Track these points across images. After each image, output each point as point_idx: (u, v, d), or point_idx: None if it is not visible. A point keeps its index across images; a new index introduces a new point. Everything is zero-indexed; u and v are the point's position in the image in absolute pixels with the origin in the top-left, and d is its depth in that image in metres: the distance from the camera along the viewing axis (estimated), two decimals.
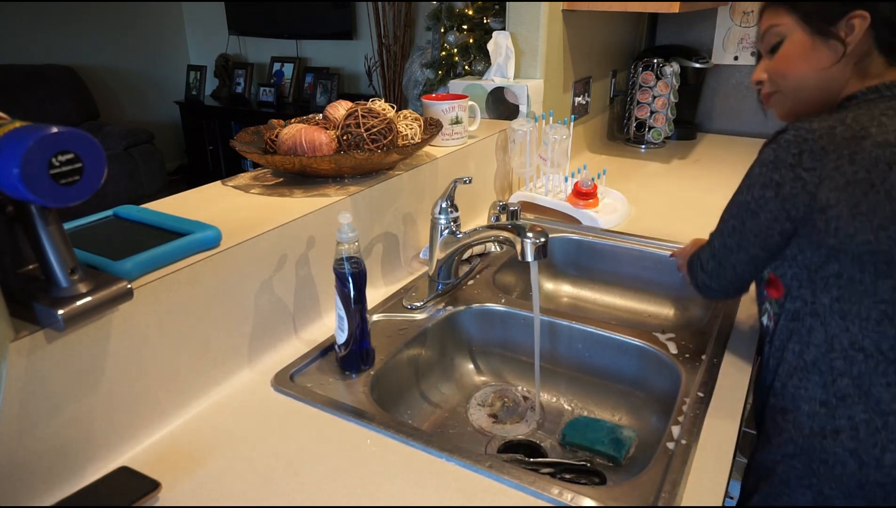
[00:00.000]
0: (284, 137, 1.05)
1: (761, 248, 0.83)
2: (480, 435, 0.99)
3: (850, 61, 0.81)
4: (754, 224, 0.82)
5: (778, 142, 0.79)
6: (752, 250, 0.84)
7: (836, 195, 0.74)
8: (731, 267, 0.88)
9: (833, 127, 0.75)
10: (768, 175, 0.79)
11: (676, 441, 0.77)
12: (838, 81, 0.83)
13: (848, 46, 0.80)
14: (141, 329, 0.73)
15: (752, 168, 0.82)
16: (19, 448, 0.63)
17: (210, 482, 0.70)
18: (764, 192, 0.80)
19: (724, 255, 0.88)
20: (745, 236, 0.84)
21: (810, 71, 0.84)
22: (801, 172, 0.76)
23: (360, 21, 4.06)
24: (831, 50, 0.81)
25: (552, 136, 1.42)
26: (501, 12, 2.44)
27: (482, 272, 1.22)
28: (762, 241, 0.83)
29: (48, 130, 0.51)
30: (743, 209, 0.83)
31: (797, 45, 0.84)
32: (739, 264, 0.87)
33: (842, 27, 0.80)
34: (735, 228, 0.85)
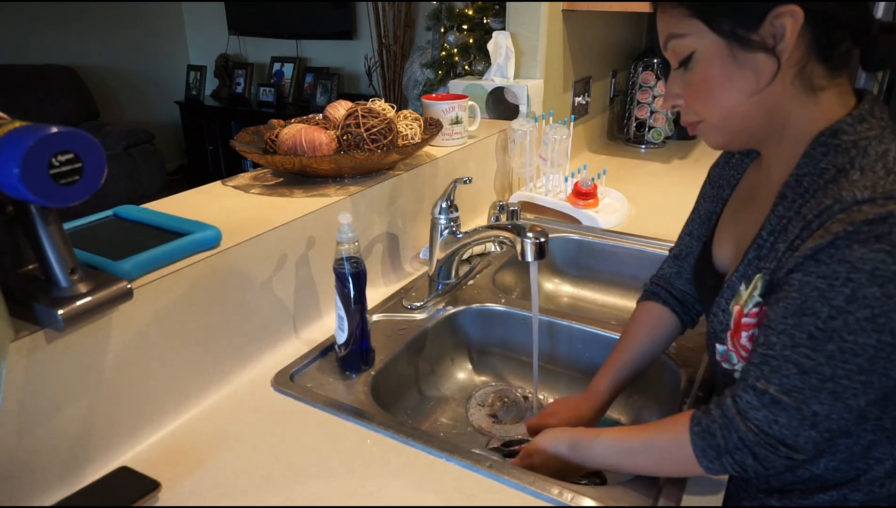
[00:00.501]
0: (284, 137, 1.05)
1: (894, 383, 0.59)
2: (480, 435, 0.99)
3: (787, 78, 0.62)
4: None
5: (889, 240, 0.54)
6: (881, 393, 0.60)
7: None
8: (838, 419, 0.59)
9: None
10: None
11: None
12: (781, 104, 0.64)
13: (781, 56, 0.60)
14: (141, 329, 0.73)
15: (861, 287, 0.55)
16: (19, 448, 0.63)
17: (210, 482, 0.70)
18: None
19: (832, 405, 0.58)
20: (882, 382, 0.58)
21: (738, 97, 0.64)
22: None
23: (360, 21, 4.06)
24: (760, 65, 0.61)
25: (552, 136, 1.42)
26: (501, 12, 2.44)
27: (482, 272, 1.22)
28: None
29: (48, 130, 0.51)
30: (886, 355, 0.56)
31: (713, 63, 0.63)
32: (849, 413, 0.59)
33: (766, 31, 0.60)
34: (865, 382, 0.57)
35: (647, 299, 0.94)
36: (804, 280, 0.58)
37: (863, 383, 0.57)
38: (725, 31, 0.61)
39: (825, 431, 0.59)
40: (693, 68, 0.65)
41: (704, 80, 0.64)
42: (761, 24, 0.60)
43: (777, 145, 0.68)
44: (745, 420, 0.61)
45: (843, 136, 0.62)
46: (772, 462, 0.61)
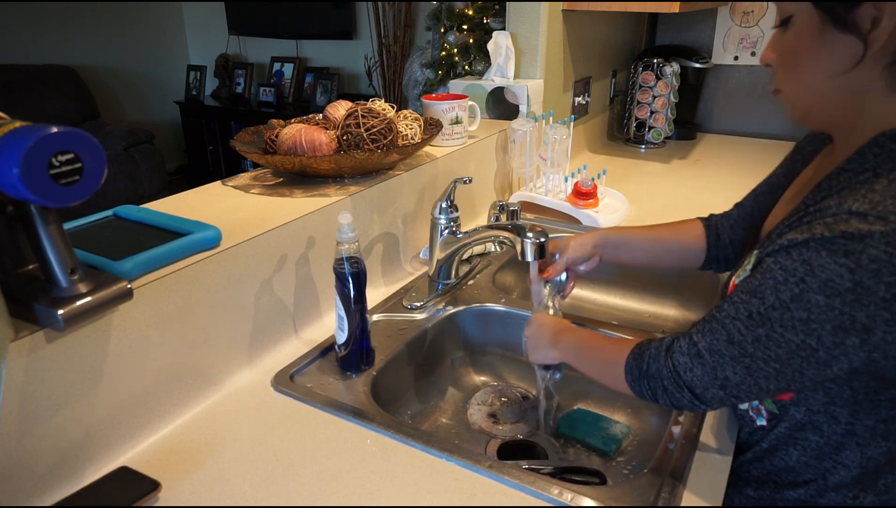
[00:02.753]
0: (284, 137, 1.05)
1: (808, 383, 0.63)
2: (480, 435, 0.99)
3: (876, 66, 0.60)
4: (817, 373, 0.60)
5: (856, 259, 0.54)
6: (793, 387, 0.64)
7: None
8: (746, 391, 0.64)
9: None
10: (849, 314, 0.55)
11: (676, 441, 0.77)
12: (860, 95, 0.62)
13: (871, 45, 0.58)
14: (141, 329, 0.73)
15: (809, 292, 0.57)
16: (19, 448, 0.63)
17: (210, 482, 0.70)
18: (843, 338, 0.57)
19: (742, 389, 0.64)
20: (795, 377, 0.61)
21: (818, 74, 0.63)
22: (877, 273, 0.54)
23: (360, 21, 4.06)
24: (847, 48, 0.60)
25: (552, 136, 1.42)
26: (501, 12, 2.44)
27: (482, 272, 1.22)
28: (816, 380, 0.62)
29: (48, 130, 0.51)
30: (800, 354, 0.59)
31: (804, 33, 0.63)
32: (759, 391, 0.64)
33: (864, 14, 0.58)
34: (780, 372, 0.61)
35: (699, 218, 1.01)
36: (770, 266, 0.61)
37: (776, 370, 0.61)
38: (823, 4, 0.61)
39: (732, 396, 0.65)
40: (787, 35, 0.66)
41: (793, 48, 0.65)
42: (860, 6, 0.58)
43: (847, 137, 0.68)
44: (670, 359, 0.68)
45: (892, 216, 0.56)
46: (678, 400, 0.68)
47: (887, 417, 0.66)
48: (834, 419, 0.68)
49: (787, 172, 0.87)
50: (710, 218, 1.00)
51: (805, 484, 0.73)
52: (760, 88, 2.26)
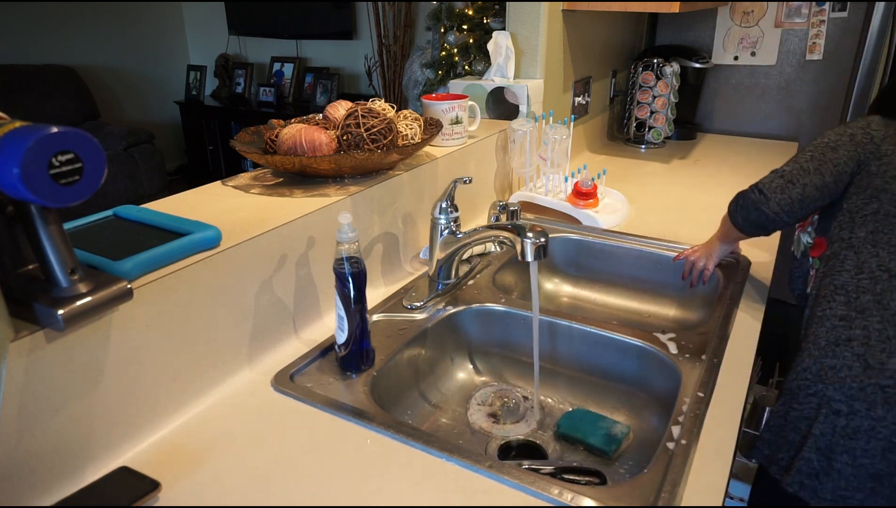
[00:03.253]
0: (284, 137, 1.05)
1: (834, 178, 1.00)
2: (480, 435, 0.99)
3: None
4: (834, 156, 1.01)
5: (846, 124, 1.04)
6: (827, 177, 1.00)
7: (893, 148, 0.97)
8: (801, 186, 1.01)
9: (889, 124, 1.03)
10: (843, 130, 1.03)
11: (676, 441, 0.77)
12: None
13: None
14: (141, 329, 0.73)
15: (825, 131, 1.05)
16: (19, 448, 0.63)
17: (210, 482, 0.70)
18: (841, 137, 1.02)
19: (797, 175, 1.01)
20: (824, 163, 1.00)
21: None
22: (870, 130, 1.02)
23: (360, 21, 4.06)
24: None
25: (552, 136, 1.42)
26: (501, 12, 2.44)
27: (482, 272, 1.22)
28: (838, 172, 1.00)
29: (48, 130, 0.51)
30: (822, 147, 1.02)
31: None
32: (810, 185, 1.00)
33: None
34: (814, 157, 1.01)
35: None
36: None
37: (812, 157, 1.03)
38: None
39: (789, 181, 1.03)
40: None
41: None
42: None
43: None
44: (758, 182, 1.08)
45: None
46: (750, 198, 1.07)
47: (873, 228, 0.94)
48: (841, 239, 0.98)
49: None
50: None
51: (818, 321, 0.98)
52: (760, 88, 2.26)
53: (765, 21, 2.18)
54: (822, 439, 0.90)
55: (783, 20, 2.15)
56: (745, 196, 1.07)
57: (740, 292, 1.15)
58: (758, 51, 2.22)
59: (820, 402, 0.90)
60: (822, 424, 0.90)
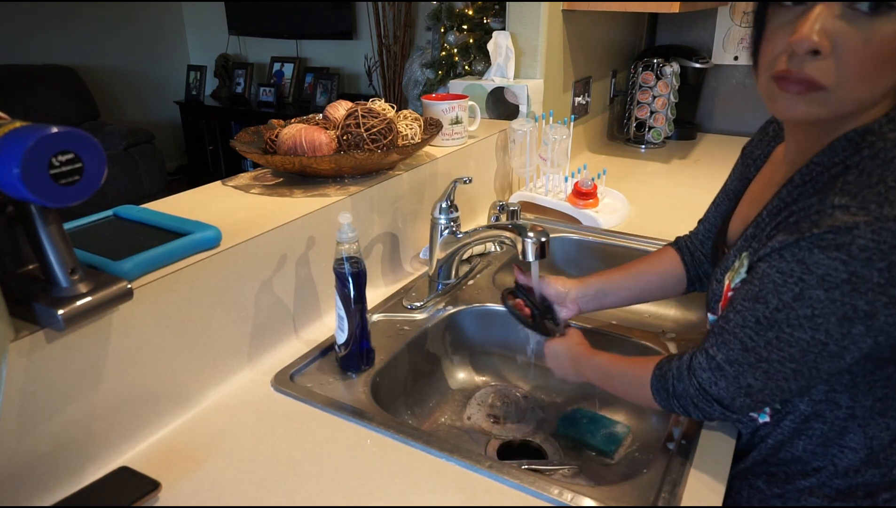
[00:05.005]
0: (284, 137, 1.05)
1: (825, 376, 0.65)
2: (480, 435, 0.99)
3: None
4: (831, 365, 0.62)
5: (847, 250, 0.56)
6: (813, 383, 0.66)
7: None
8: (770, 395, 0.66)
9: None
10: (850, 303, 0.57)
11: (676, 441, 0.77)
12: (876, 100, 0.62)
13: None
14: (141, 329, 0.73)
15: (809, 289, 0.59)
16: (19, 447, 0.63)
17: (210, 482, 0.70)
18: (850, 328, 0.59)
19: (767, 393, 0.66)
20: (812, 373, 0.63)
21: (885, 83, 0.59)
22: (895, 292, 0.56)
23: (360, 21, 4.06)
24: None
25: (552, 136, 1.42)
26: (501, 12, 2.44)
27: (482, 272, 1.22)
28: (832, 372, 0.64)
29: (48, 130, 0.51)
30: (817, 352, 0.61)
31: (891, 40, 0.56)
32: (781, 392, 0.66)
33: None
34: (797, 372, 0.63)
35: (669, 244, 1.02)
36: (766, 271, 0.63)
37: (793, 370, 0.63)
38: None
39: (758, 401, 0.67)
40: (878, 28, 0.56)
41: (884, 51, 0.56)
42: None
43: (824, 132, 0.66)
44: (693, 377, 0.70)
45: (869, 135, 0.62)
46: (709, 414, 0.71)
47: (882, 395, 0.68)
48: (836, 405, 0.70)
49: (741, 178, 0.89)
50: (678, 241, 1.00)
51: (815, 472, 0.73)
52: None
53: None
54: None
55: None
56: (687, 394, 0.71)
57: None
58: None
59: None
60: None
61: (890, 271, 0.55)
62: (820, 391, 0.69)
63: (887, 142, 0.61)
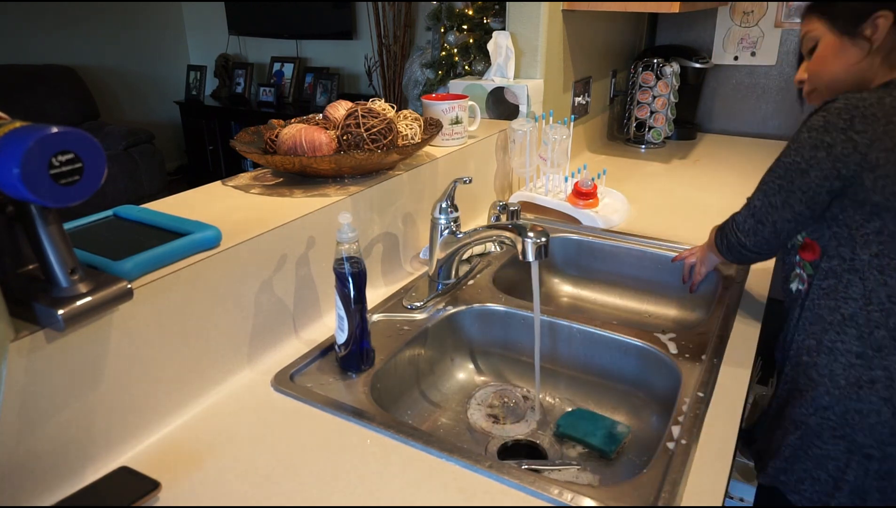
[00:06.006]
0: (284, 137, 1.05)
1: (807, 206, 0.89)
2: (480, 435, 0.99)
3: (877, 56, 0.89)
4: (803, 182, 0.87)
5: (827, 110, 0.85)
6: (798, 208, 0.90)
7: (886, 155, 0.81)
8: (771, 224, 0.93)
9: (882, 98, 0.83)
10: (819, 137, 0.85)
11: (676, 441, 0.77)
12: (869, 74, 0.90)
13: (874, 43, 0.89)
14: (141, 329, 0.73)
15: (800, 134, 0.88)
16: (19, 447, 0.63)
17: (210, 482, 0.70)
18: (815, 152, 0.85)
19: (765, 213, 0.93)
20: (792, 193, 0.89)
21: (842, 68, 0.92)
22: (852, 134, 0.83)
23: (360, 21, 4.06)
24: (859, 48, 0.90)
25: (552, 136, 1.42)
26: (501, 12, 2.44)
27: (482, 272, 1.22)
28: (809, 199, 0.88)
29: (48, 130, 0.51)
30: (791, 169, 0.88)
31: (829, 47, 0.93)
32: (781, 221, 0.92)
33: (867, 27, 0.89)
34: (782, 187, 0.90)
35: None
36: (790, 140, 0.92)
37: (779, 186, 0.91)
38: (840, 29, 0.91)
39: (758, 221, 0.95)
40: (815, 53, 0.95)
41: (822, 60, 0.94)
42: (864, 23, 0.89)
43: None
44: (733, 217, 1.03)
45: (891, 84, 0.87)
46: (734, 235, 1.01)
47: (878, 251, 0.86)
48: (841, 258, 0.90)
49: None
50: None
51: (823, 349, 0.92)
52: (760, 88, 2.26)
53: (765, 21, 2.18)
54: (856, 482, 0.91)
55: (783, 20, 2.15)
56: (725, 235, 1.03)
57: (740, 292, 1.15)
58: (758, 51, 2.22)
59: (850, 447, 0.90)
60: (854, 469, 0.90)
61: (851, 120, 0.83)
62: (831, 247, 0.90)
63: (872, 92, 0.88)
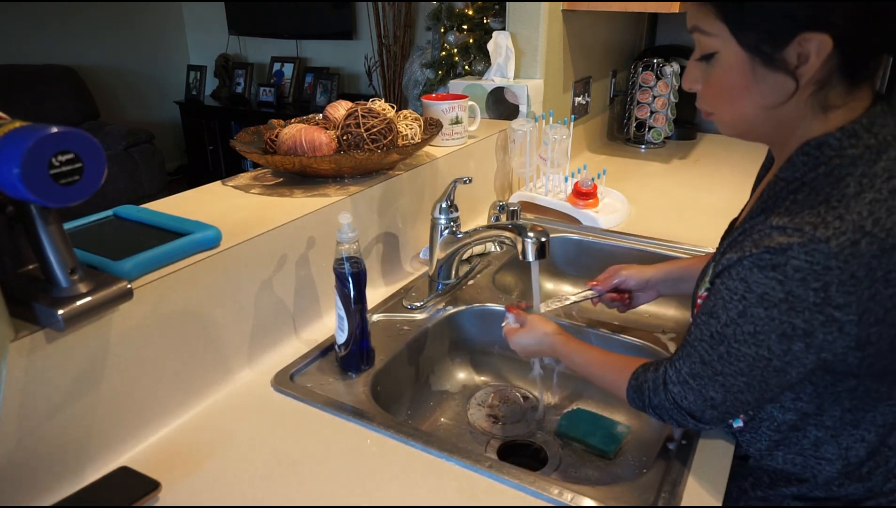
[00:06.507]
0: (284, 137, 1.05)
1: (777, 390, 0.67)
2: (480, 435, 0.99)
3: (803, 94, 0.63)
4: (780, 380, 0.65)
5: (783, 271, 0.58)
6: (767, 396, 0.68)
7: (879, 330, 0.60)
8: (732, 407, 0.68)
9: (856, 242, 0.57)
10: (788, 322, 0.60)
11: (676, 441, 0.77)
12: (790, 119, 0.65)
13: (801, 80, 0.61)
14: (141, 329, 0.73)
15: (751, 306, 0.61)
16: (19, 448, 0.63)
17: (210, 482, 0.70)
18: (789, 345, 0.61)
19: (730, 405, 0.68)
20: (763, 387, 0.65)
21: (752, 107, 0.66)
22: (832, 311, 0.58)
23: (360, 21, 4.06)
24: (778, 84, 0.62)
25: (552, 136, 1.42)
26: (501, 12, 2.44)
27: (482, 272, 1.22)
28: (782, 386, 0.66)
29: (48, 130, 0.51)
30: (762, 366, 0.63)
31: (733, 70, 0.64)
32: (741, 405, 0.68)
33: (791, 53, 0.60)
34: (749, 385, 0.65)
35: None
36: (718, 287, 0.65)
37: (745, 384, 0.65)
38: (750, 45, 0.62)
39: (724, 413, 0.69)
40: (713, 68, 0.66)
41: (723, 83, 0.66)
42: (788, 46, 0.60)
43: (781, 149, 0.71)
44: (666, 390, 0.71)
45: (827, 149, 0.63)
46: (683, 425, 0.72)
47: (851, 406, 0.69)
48: (805, 415, 0.71)
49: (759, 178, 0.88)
50: None
51: (797, 482, 0.74)
52: None
53: None
54: None
55: None
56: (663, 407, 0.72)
57: None
58: None
59: None
60: None
61: (826, 291, 0.57)
62: (788, 398, 0.70)
63: (844, 159, 0.62)
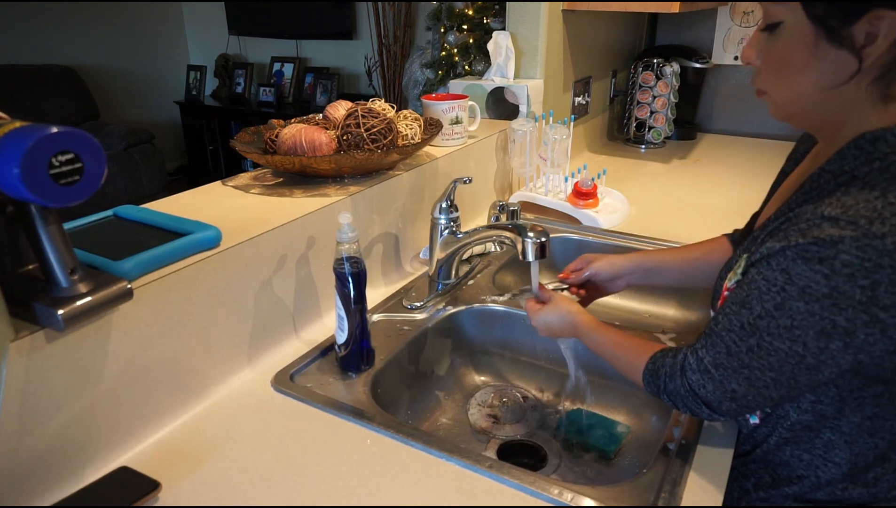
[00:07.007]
0: (284, 137, 1.05)
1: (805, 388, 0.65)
2: (480, 435, 0.99)
3: (865, 79, 0.60)
4: (810, 379, 0.62)
5: (830, 265, 0.55)
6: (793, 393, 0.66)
7: None
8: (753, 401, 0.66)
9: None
10: (829, 318, 0.57)
11: (676, 442, 0.77)
12: (846, 105, 0.62)
13: (864, 61, 0.58)
14: (141, 329, 0.73)
15: (790, 299, 0.58)
16: (19, 448, 0.63)
17: (210, 482, 0.70)
18: (827, 342, 0.58)
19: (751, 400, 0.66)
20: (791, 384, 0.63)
21: (809, 86, 0.63)
22: (877, 312, 0.55)
23: (360, 21, 4.06)
24: (840, 62, 0.59)
25: (552, 136, 1.42)
26: (501, 12, 2.44)
27: (482, 272, 1.22)
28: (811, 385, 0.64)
29: (48, 130, 0.51)
30: (794, 363, 0.61)
31: (796, 43, 0.61)
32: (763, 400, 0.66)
33: (859, 30, 0.57)
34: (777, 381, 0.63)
35: (724, 235, 1.01)
36: (753, 276, 0.63)
37: (773, 379, 0.63)
38: (818, 16, 0.59)
39: (743, 406, 0.67)
40: (776, 39, 0.63)
41: (783, 56, 0.63)
42: (857, 22, 0.57)
43: (830, 139, 0.68)
44: (684, 377, 0.70)
45: (882, 144, 0.60)
46: (697, 413, 0.71)
47: (872, 414, 0.67)
48: (822, 417, 0.70)
49: (784, 172, 0.87)
50: (734, 233, 0.99)
51: (799, 480, 0.74)
52: None
53: None
54: None
55: None
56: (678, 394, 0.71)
57: None
58: None
59: None
60: None
61: (874, 290, 0.54)
62: (807, 400, 0.69)
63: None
